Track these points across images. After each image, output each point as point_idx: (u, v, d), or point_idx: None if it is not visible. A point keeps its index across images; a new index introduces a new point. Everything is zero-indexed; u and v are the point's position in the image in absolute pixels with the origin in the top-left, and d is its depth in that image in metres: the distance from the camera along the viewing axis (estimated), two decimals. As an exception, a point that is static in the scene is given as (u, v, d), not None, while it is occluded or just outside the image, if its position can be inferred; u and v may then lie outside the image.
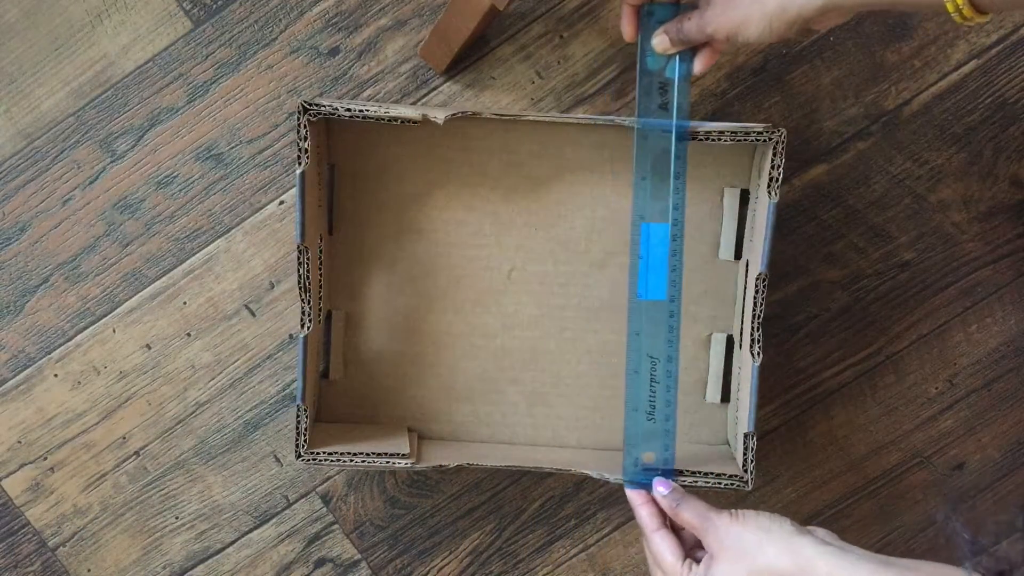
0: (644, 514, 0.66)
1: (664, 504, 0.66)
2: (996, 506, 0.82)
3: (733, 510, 0.62)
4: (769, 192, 0.66)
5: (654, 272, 0.67)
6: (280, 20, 0.75)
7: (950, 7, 0.53)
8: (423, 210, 0.75)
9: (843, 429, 0.81)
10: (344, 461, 0.69)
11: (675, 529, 0.66)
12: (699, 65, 0.65)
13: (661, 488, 0.66)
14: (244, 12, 0.75)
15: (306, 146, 0.65)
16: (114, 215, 0.77)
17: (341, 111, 0.65)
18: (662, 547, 0.64)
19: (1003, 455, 0.81)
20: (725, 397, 0.76)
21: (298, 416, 0.69)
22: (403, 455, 0.70)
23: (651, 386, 0.68)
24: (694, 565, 0.62)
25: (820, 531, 0.61)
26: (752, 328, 0.68)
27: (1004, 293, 0.79)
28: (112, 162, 0.76)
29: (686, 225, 0.74)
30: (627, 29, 0.66)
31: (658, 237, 0.67)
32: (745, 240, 0.74)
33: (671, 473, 0.68)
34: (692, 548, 0.65)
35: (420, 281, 0.75)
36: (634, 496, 0.68)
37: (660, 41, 0.65)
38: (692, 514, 0.63)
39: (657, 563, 0.65)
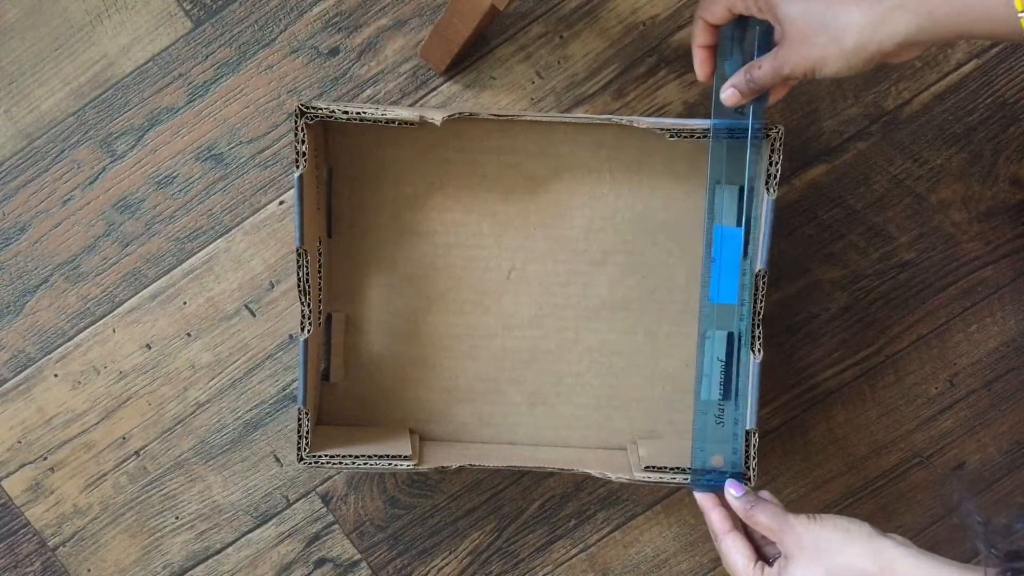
0: (715, 518, 0.66)
1: (737, 507, 0.66)
2: (995, 506, 0.82)
3: (810, 514, 0.62)
4: (768, 189, 0.66)
5: (726, 276, 0.68)
6: (280, 20, 0.75)
7: None
8: (422, 211, 0.75)
9: (843, 429, 0.81)
10: (346, 464, 0.69)
11: (745, 532, 0.66)
12: (772, 97, 0.65)
13: (733, 490, 0.66)
14: (244, 12, 0.75)
15: (303, 149, 0.65)
16: (114, 215, 0.77)
17: (338, 114, 0.65)
18: (733, 550, 0.64)
19: (1003, 455, 0.81)
20: (727, 395, 0.76)
21: (300, 419, 0.69)
22: (405, 457, 0.70)
23: (721, 389, 0.69)
24: (766, 567, 0.62)
25: (898, 537, 0.60)
26: (752, 325, 0.68)
27: (1004, 293, 0.79)
28: (112, 162, 0.76)
29: (684, 223, 0.75)
30: (702, 71, 0.66)
31: (731, 241, 0.67)
32: (745, 238, 0.74)
33: (740, 476, 0.68)
34: (762, 550, 0.65)
35: (420, 282, 0.75)
36: (703, 500, 0.68)
37: (729, 96, 0.64)
38: (767, 516, 0.63)
39: (728, 566, 0.65)
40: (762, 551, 0.65)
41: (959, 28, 0.54)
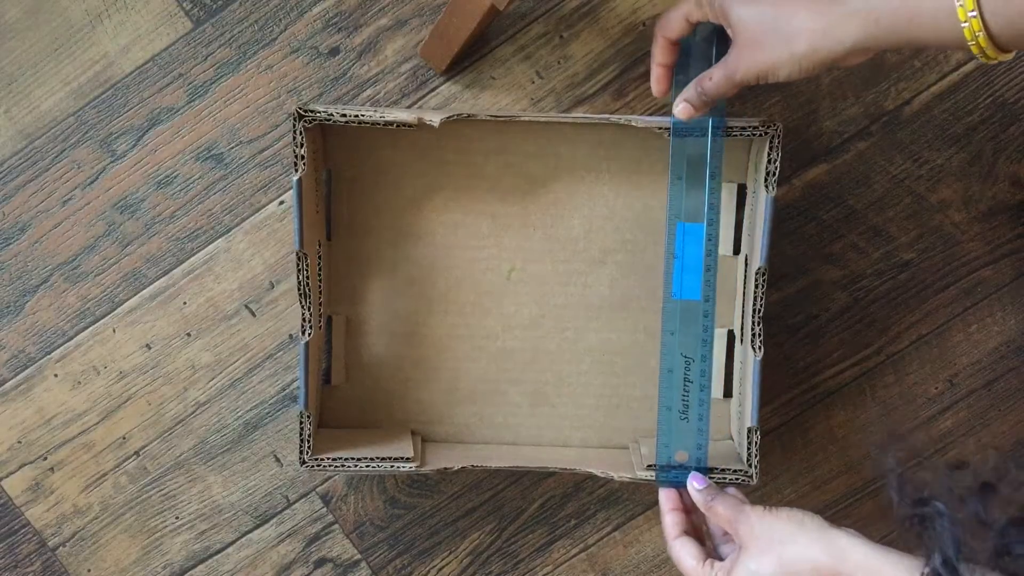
0: (668, 521, 0.67)
1: (699, 499, 0.67)
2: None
3: (767, 506, 0.62)
4: (767, 186, 0.67)
5: (689, 272, 0.68)
6: (280, 20, 0.75)
7: (975, 49, 0.53)
8: (421, 213, 0.75)
9: (843, 429, 0.81)
10: (348, 466, 0.70)
11: (696, 535, 0.67)
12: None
13: (696, 483, 0.67)
14: (244, 12, 0.75)
15: (302, 152, 0.65)
16: (114, 215, 0.77)
17: (336, 117, 0.65)
18: (682, 552, 0.65)
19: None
20: (728, 393, 0.76)
21: (301, 422, 0.69)
22: (407, 459, 0.70)
23: (685, 386, 0.69)
24: (716, 563, 0.63)
25: (850, 530, 0.61)
26: (753, 323, 0.68)
27: (1004, 293, 0.79)
28: (112, 162, 0.76)
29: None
30: (658, 87, 0.67)
31: (693, 237, 0.68)
32: (744, 235, 0.74)
33: (705, 470, 0.69)
34: (719, 550, 0.66)
35: (420, 284, 0.75)
36: (664, 501, 0.69)
37: (682, 110, 0.64)
38: (726, 507, 0.64)
39: (680, 570, 0.65)
40: (719, 551, 0.66)
41: (907, 36, 0.54)
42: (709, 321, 0.68)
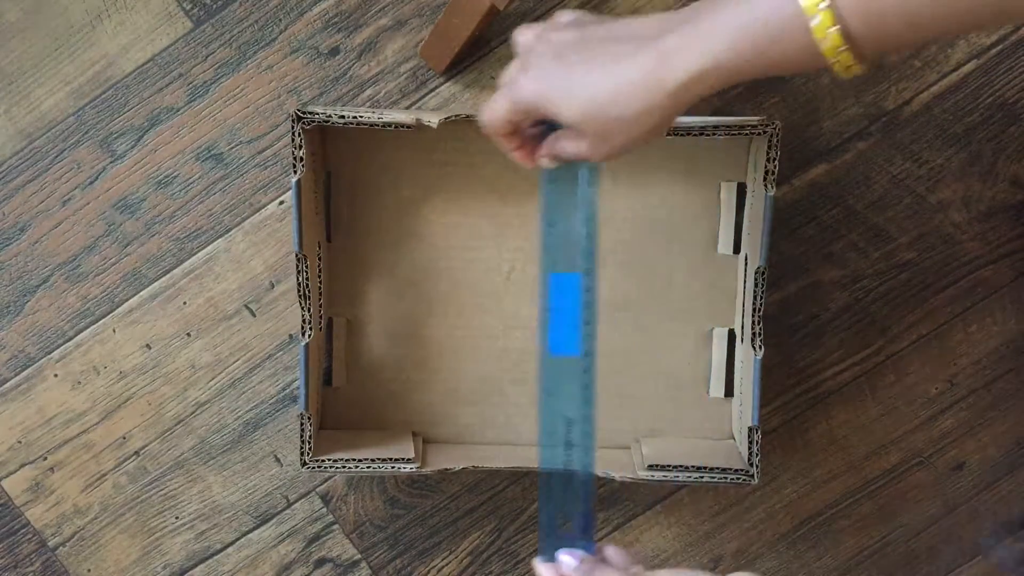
0: None
1: None
2: (997, 505, 0.82)
3: (645, 574, 0.56)
4: (766, 185, 0.67)
5: (567, 326, 0.60)
6: (280, 20, 0.75)
7: (837, 67, 0.46)
8: (421, 214, 0.75)
9: (843, 429, 0.81)
10: (350, 468, 0.70)
11: None
12: None
13: (569, 559, 0.59)
14: (244, 12, 0.75)
15: (301, 154, 0.65)
16: (114, 215, 0.77)
17: (335, 118, 0.65)
18: None
19: (1003, 455, 0.81)
20: (728, 392, 0.77)
21: (302, 424, 0.69)
22: (408, 460, 0.70)
23: (567, 450, 0.61)
24: None
25: None
26: (753, 322, 0.68)
27: (1004, 293, 0.79)
28: (112, 162, 0.76)
29: (683, 221, 0.75)
30: (526, 163, 0.58)
31: (569, 288, 0.60)
32: (744, 234, 0.74)
33: (591, 538, 0.61)
34: None
35: (420, 285, 0.75)
36: (543, 571, 0.60)
37: (545, 164, 0.58)
38: None
39: None
40: None
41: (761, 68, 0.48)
42: (589, 378, 0.60)
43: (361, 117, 0.66)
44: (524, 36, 0.55)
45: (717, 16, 0.47)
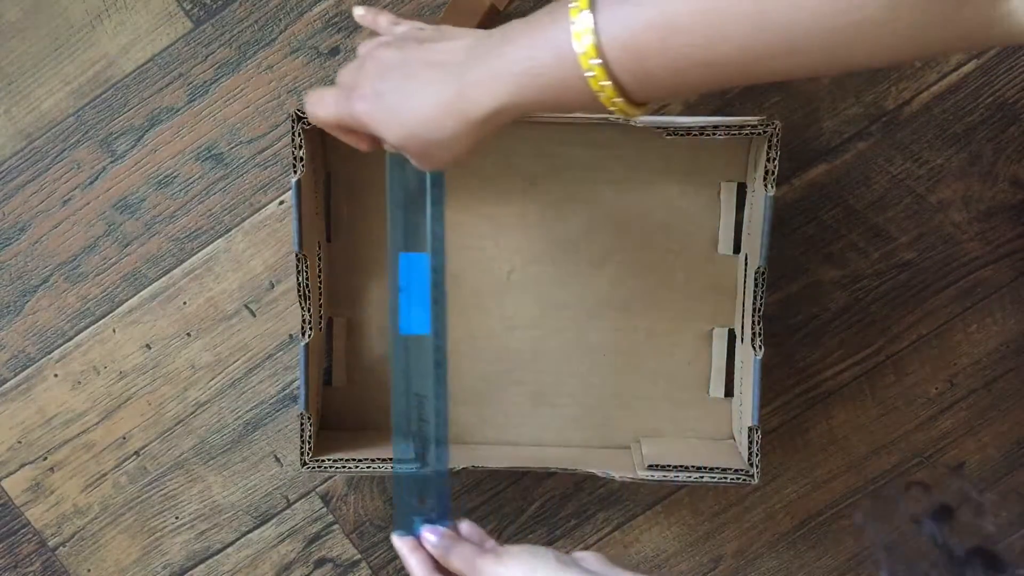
0: (413, 562, 0.62)
1: (435, 553, 0.62)
2: (998, 502, 0.82)
3: (499, 549, 0.59)
4: (766, 185, 0.67)
5: (416, 305, 0.62)
6: (280, 20, 0.75)
7: (615, 109, 0.49)
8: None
9: (843, 429, 0.81)
10: (350, 468, 0.70)
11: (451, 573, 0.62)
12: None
13: (431, 536, 0.62)
14: (244, 12, 0.75)
15: (301, 154, 0.65)
16: (114, 215, 0.77)
17: None
18: None
19: (1003, 455, 0.81)
20: (728, 392, 0.77)
21: (302, 424, 0.69)
22: (408, 460, 0.70)
23: (420, 425, 0.63)
24: None
25: (589, 558, 0.59)
26: (753, 322, 0.69)
27: (1004, 293, 0.79)
28: (112, 162, 0.76)
29: (683, 221, 0.75)
30: (355, 144, 0.60)
31: (418, 268, 0.62)
32: (744, 234, 0.74)
33: (446, 515, 0.63)
34: None
35: (420, 285, 0.75)
36: (401, 545, 0.62)
37: (389, 147, 0.58)
38: (459, 559, 0.60)
39: None
40: None
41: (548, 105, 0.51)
42: (441, 356, 0.62)
43: None
44: (362, 48, 0.57)
45: (506, 57, 0.49)
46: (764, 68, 0.46)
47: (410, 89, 0.53)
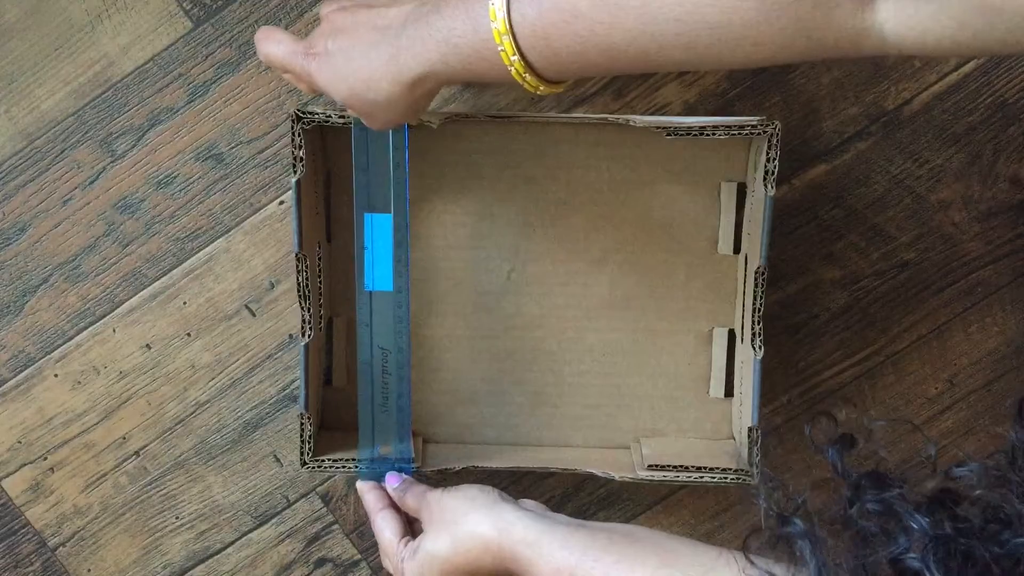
0: (369, 498, 0.68)
1: (393, 496, 0.68)
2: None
3: (446, 487, 0.64)
4: (766, 185, 0.67)
5: (380, 263, 0.68)
6: (280, 20, 0.75)
7: (528, 87, 0.53)
8: (420, 214, 0.75)
9: (843, 429, 0.80)
10: (350, 468, 0.70)
11: (403, 512, 0.68)
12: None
13: (392, 482, 0.68)
14: (244, 12, 0.75)
15: (301, 154, 0.65)
16: (114, 215, 0.77)
17: (335, 118, 0.65)
18: (383, 525, 0.66)
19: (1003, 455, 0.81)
20: (728, 392, 0.77)
21: (302, 424, 0.69)
22: (408, 460, 0.70)
23: (384, 377, 0.69)
24: (411, 542, 0.64)
25: (529, 502, 0.63)
26: (753, 322, 0.69)
27: (1004, 293, 0.79)
28: (112, 162, 0.76)
29: (683, 221, 0.75)
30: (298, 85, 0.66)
31: (381, 228, 0.68)
32: (744, 234, 0.74)
33: (409, 462, 0.70)
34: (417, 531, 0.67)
35: (419, 285, 0.75)
36: (362, 484, 0.70)
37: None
38: (412, 497, 0.66)
39: (379, 543, 0.67)
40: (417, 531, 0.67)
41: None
42: (404, 311, 0.69)
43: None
44: (323, 9, 0.61)
45: (433, 26, 0.53)
46: (661, 58, 0.49)
47: (355, 51, 0.56)
